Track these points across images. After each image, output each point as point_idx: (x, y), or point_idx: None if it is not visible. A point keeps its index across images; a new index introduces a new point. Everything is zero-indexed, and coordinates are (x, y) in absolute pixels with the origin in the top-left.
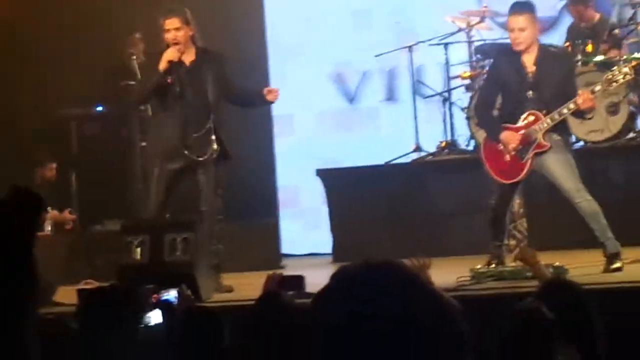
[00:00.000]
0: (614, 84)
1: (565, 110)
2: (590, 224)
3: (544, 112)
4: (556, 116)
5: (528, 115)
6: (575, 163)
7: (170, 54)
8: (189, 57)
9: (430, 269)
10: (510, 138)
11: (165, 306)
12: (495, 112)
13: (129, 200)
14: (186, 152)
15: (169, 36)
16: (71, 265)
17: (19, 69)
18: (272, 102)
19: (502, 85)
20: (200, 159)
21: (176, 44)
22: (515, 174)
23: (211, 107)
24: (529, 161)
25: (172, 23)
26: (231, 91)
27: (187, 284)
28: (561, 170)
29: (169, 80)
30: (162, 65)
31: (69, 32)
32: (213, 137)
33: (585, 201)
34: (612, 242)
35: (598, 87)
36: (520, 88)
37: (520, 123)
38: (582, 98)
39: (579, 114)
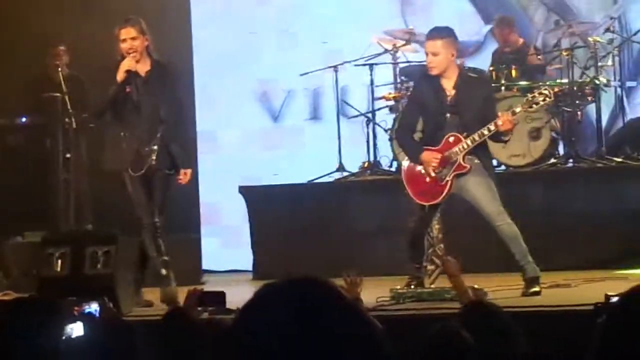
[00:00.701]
0: (535, 105)
1: (485, 132)
2: (510, 247)
3: (464, 134)
4: (476, 137)
5: (448, 137)
6: (495, 186)
7: (127, 64)
8: (144, 68)
9: (362, 286)
10: (430, 159)
11: (87, 318)
12: (418, 135)
13: (51, 212)
14: (138, 164)
15: (124, 46)
16: None
17: None
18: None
19: (423, 108)
20: (149, 170)
21: (132, 53)
22: (435, 196)
23: (163, 119)
24: (449, 183)
25: (128, 32)
26: (172, 106)
27: (108, 297)
28: (482, 193)
29: (127, 90)
30: (120, 75)
31: None
32: (165, 148)
33: (505, 224)
34: (531, 266)
35: (518, 109)
36: (440, 111)
37: (441, 145)
38: (502, 119)
39: (497, 136)
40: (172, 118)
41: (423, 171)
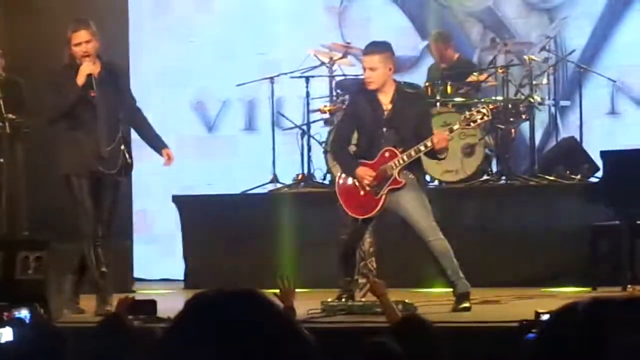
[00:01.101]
0: (472, 123)
1: (421, 148)
2: (442, 263)
3: (400, 149)
4: (412, 153)
5: (384, 151)
6: (429, 202)
7: (87, 68)
8: (96, 69)
9: (294, 296)
10: (365, 173)
11: (17, 324)
12: (353, 148)
13: None
14: (100, 167)
15: (79, 49)
16: None
17: None
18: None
19: (359, 121)
20: (113, 172)
21: (87, 56)
22: (369, 210)
23: (120, 120)
24: (383, 197)
25: (81, 36)
26: (131, 106)
27: (38, 303)
28: (415, 208)
29: (92, 94)
30: (81, 79)
31: None
32: (122, 149)
33: (437, 240)
34: (462, 282)
35: (456, 126)
36: (376, 125)
37: (376, 159)
38: (437, 138)
39: (433, 154)
40: (132, 115)
41: (357, 185)
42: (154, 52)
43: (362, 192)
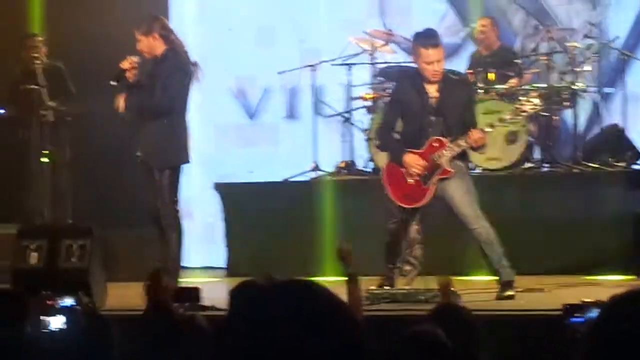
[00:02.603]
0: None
1: (462, 143)
2: (487, 251)
3: (449, 138)
4: (462, 143)
5: (433, 141)
6: (474, 189)
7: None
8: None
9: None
10: (414, 162)
11: (67, 312)
12: (396, 136)
13: (25, 204)
14: (137, 154)
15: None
16: None
17: None
18: None
19: (405, 108)
20: (144, 161)
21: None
22: (417, 199)
23: (147, 113)
24: (433, 187)
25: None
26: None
27: (82, 291)
28: (462, 196)
29: (113, 83)
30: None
31: None
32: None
33: (482, 228)
34: (506, 270)
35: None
36: (423, 113)
37: (425, 148)
38: (473, 138)
39: (472, 148)
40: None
41: (405, 173)
42: (195, 39)
43: (409, 181)
